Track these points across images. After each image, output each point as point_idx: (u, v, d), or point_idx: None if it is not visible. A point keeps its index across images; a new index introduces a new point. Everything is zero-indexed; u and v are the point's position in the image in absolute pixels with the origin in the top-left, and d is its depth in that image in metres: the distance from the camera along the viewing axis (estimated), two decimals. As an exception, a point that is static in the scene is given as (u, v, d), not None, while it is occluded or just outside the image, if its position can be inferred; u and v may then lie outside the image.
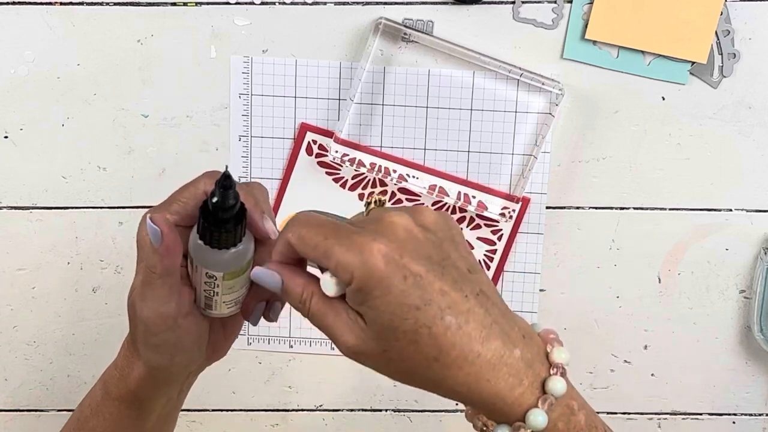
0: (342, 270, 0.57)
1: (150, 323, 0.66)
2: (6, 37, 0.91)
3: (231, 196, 0.61)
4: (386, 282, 0.57)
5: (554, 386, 0.60)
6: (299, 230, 0.60)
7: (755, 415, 1.02)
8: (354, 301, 0.58)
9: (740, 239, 0.96)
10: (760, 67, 0.91)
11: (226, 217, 0.61)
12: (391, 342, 0.58)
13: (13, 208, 0.96)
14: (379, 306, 0.57)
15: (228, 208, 0.61)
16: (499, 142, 0.93)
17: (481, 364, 0.58)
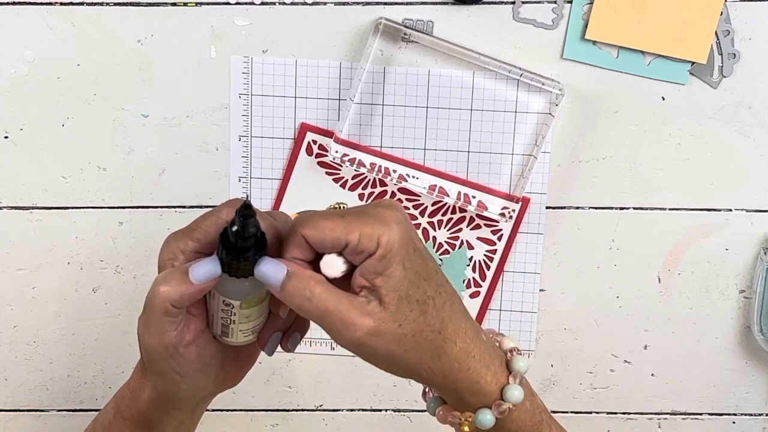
0: (367, 239, 0.61)
1: (151, 350, 0.66)
2: (6, 37, 0.91)
3: (251, 225, 0.61)
4: (406, 249, 0.61)
5: (518, 365, 0.68)
6: (312, 221, 0.62)
7: (755, 415, 1.02)
8: (375, 270, 0.61)
9: (740, 239, 0.96)
10: (760, 67, 0.91)
11: (246, 245, 0.61)
12: (405, 313, 0.62)
13: (13, 208, 0.96)
14: (399, 274, 0.61)
15: (247, 237, 0.61)
16: (499, 142, 0.93)
17: (467, 339, 0.65)
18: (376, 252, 0.61)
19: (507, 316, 0.98)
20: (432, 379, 0.65)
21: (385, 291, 0.61)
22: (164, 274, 0.63)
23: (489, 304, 0.98)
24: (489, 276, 0.97)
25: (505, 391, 0.66)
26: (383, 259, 0.61)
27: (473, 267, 0.97)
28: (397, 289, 0.62)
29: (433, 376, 0.64)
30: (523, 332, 0.99)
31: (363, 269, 0.61)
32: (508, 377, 0.67)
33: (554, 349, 1.00)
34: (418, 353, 0.63)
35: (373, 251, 0.61)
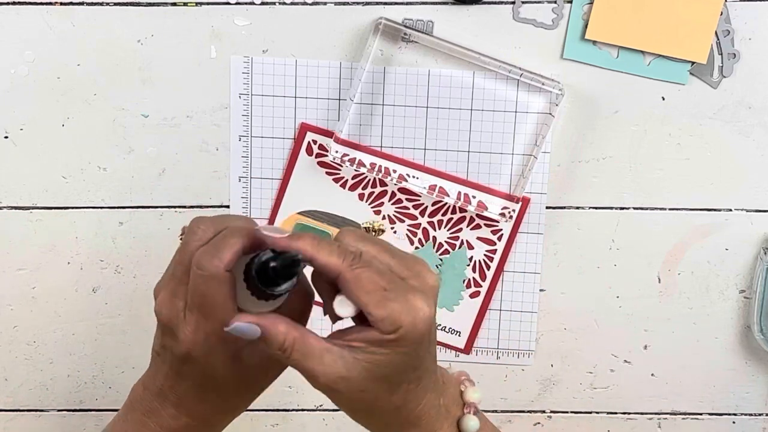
0: (390, 323, 0.61)
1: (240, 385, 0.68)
2: (6, 37, 0.91)
3: (292, 273, 0.62)
4: (417, 344, 0.62)
5: (467, 425, 0.68)
6: (359, 272, 0.62)
7: (755, 415, 1.02)
8: (377, 343, 0.62)
9: (740, 239, 0.96)
10: (760, 67, 0.91)
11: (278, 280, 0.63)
12: (375, 384, 0.63)
13: (13, 208, 0.96)
14: (395, 360, 0.62)
15: (285, 275, 0.62)
16: (499, 142, 0.93)
17: (420, 412, 0.66)
18: (390, 335, 0.61)
19: (507, 316, 0.98)
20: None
21: (372, 364, 0.62)
22: None
23: (489, 304, 0.98)
24: (489, 276, 0.97)
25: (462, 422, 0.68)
26: (391, 343, 0.62)
27: (473, 267, 0.97)
28: (384, 367, 0.63)
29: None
30: (523, 332, 0.99)
31: (368, 337, 0.62)
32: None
33: (554, 349, 1.00)
34: (367, 415, 0.65)
35: (389, 332, 0.61)
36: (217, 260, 0.62)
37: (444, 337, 0.99)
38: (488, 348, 0.99)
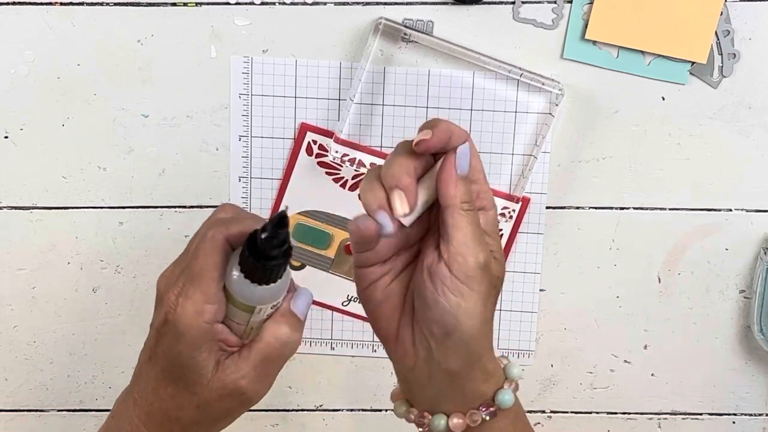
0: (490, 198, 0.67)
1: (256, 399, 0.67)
2: (6, 37, 0.91)
3: (283, 234, 0.61)
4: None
5: (503, 398, 0.67)
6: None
7: (755, 415, 1.02)
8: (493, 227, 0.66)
9: (740, 239, 0.96)
10: (760, 67, 0.91)
11: (275, 254, 0.61)
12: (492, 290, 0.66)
13: (13, 208, 0.96)
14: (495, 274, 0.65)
15: (279, 245, 0.61)
16: (499, 142, 0.93)
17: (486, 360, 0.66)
18: (490, 211, 0.66)
19: (507, 316, 0.98)
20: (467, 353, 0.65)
21: (495, 248, 0.65)
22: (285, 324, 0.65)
23: (489, 304, 0.98)
24: (489, 276, 0.97)
25: (498, 394, 0.67)
26: (494, 222, 0.65)
27: (473, 267, 0.97)
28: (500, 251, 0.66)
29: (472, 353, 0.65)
30: (523, 332, 0.99)
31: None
32: (504, 381, 0.68)
33: (554, 349, 1.00)
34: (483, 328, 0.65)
35: (487, 208, 0.65)
36: (224, 228, 0.63)
37: (444, 337, 0.99)
38: (488, 348, 0.99)
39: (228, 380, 0.64)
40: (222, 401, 0.65)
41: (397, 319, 0.66)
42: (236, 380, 0.64)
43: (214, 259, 0.63)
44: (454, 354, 0.64)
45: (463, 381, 0.65)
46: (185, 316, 0.63)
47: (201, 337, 0.63)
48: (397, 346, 0.66)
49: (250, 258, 0.62)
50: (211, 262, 0.63)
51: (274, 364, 0.66)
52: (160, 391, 0.66)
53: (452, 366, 0.64)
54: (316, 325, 0.99)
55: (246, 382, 0.65)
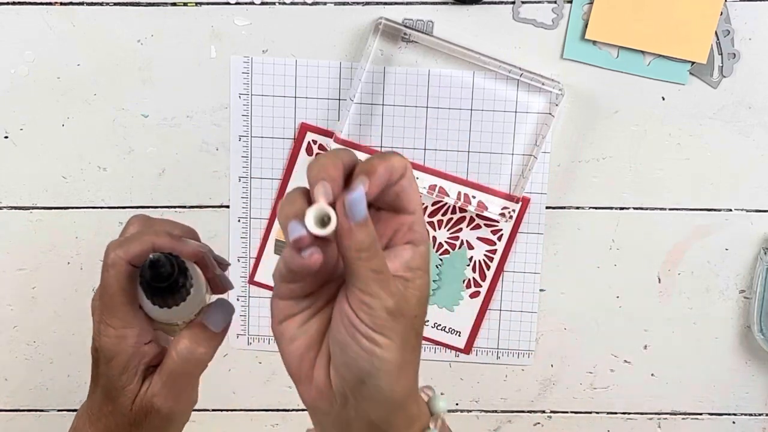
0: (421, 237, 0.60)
1: (177, 416, 0.67)
2: (6, 37, 0.91)
3: (164, 273, 0.62)
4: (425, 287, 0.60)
5: (438, 405, 0.62)
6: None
7: (755, 415, 1.02)
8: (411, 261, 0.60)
9: (740, 239, 0.96)
10: (760, 67, 0.91)
11: (168, 284, 0.62)
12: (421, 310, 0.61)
13: (13, 208, 0.96)
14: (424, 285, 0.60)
15: (166, 278, 0.62)
16: (499, 142, 0.93)
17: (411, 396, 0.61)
18: (420, 246, 0.59)
19: (507, 316, 0.98)
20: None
21: (417, 285, 0.59)
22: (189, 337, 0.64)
23: (489, 304, 0.98)
24: (489, 276, 0.97)
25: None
26: (422, 258, 0.59)
27: (473, 267, 0.97)
28: (425, 288, 0.59)
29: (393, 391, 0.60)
30: (523, 332, 0.99)
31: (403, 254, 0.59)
32: (429, 419, 0.62)
33: (554, 349, 1.00)
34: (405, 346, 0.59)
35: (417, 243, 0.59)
36: (122, 251, 0.63)
37: (444, 337, 0.99)
38: (488, 348, 0.99)
39: (145, 400, 0.65)
40: (147, 420, 0.66)
41: (313, 359, 0.61)
42: (150, 399, 0.65)
43: (121, 285, 0.64)
44: (371, 402, 0.59)
45: (384, 429, 0.60)
46: (109, 342, 0.65)
47: (127, 361, 0.65)
48: (310, 388, 0.61)
49: (146, 292, 0.63)
50: (118, 290, 0.64)
51: (182, 379, 0.65)
52: (102, 408, 0.67)
53: (371, 415, 0.59)
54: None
55: (159, 400, 0.65)
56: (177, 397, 0.65)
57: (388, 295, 0.57)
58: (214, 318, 0.65)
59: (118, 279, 0.63)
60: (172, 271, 0.62)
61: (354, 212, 0.55)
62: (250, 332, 0.99)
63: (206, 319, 0.65)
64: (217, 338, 0.65)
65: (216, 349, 0.65)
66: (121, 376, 0.65)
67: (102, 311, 0.64)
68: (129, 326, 0.64)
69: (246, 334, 0.99)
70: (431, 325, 0.99)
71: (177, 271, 0.62)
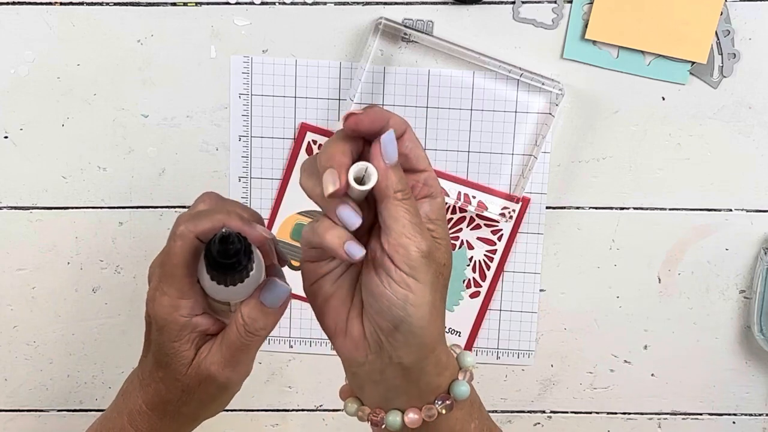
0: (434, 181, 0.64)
1: (233, 385, 0.69)
2: (6, 37, 0.91)
3: (232, 250, 0.62)
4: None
5: (459, 389, 0.65)
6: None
7: (755, 415, 1.02)
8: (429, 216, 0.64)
9: (740, 239, 0.96)
10: (760, 67, 0.91)
11: (232, 262, 0.62)
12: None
13: (13, 208, 0.96)
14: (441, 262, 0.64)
15: (232, 255, 0.62)
16: (499, 142, 0.93)
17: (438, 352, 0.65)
18: (437, 198, 0.63)
19: (507, 316, 0.98)
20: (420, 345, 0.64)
21: (440, 235, 0.63)
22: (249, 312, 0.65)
23: (489, 304, 0.98)
24: (489, 276, 0.97)
25: (453, 386, 0.65)
26: (440, 209, 0.63)
27: (473, 267, 0.97)
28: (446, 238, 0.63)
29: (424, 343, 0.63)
30: (523, 332, 0.99)
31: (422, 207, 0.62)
32: (458, 372, 0.66)
33: (554, 349, 1.00)
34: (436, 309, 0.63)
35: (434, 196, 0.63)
36: (192, 225, 0.64)
37: (444, 337, 0.99)
38: (488, 348, 0.99)
39: (202, 367, 0.66)
40: (201, 387, 0.67)
41: (346, 312, 0.65)
42: (208, 367, 0.66)
43: (185, 258, 0.65)
44: (405, 347, 0.62)
45: (416, 375, 0.64)
46: (162, 311, 0.66)
47: (179, 330, 0.66)
48: (345, 341, 0.65)
49: (209, 266, 0.63)
50: (182, 261, 0.65)
51: (241, 351, 0.67)
52: (154, 374, 0.68)
53: (404, 360, 0.63)
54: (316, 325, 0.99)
55: (216, 368, 0.66)
56: (234, 367, 0.67)
57: (423, 238, 0.61)
58: (269, 298, 0.66)
59: (183, 251, 0.64)
60: (240, 249, 0.62)
61: (388, 153, 0.60)
62: (250, 332, 0.99)
63: (263, 298, 0.66)
64: (276, 315, 0.66)
65: (274, 325, 0.66)
66: (173, 344, 0.66)
67: (161, 279, 0.65)
68: (184, 297, 0.65)
69: (246, 334, 0.99)
70: (431, 325, 0.99)
71: (243, 251, 0.62)
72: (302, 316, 0.99)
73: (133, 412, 0.70)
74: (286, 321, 0.99)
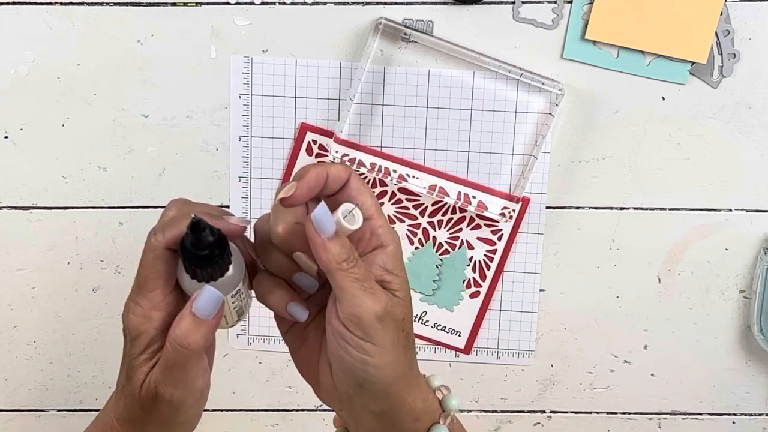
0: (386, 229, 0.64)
1: (181, 405, 0.65)
2: (6, 37, 0.91)
3: (205, 237, 0.61)
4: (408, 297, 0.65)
5: (451, 403, 0.66)
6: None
7: (755, 415, 1.02)
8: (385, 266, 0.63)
9: (740, 239, 0.96)
10: (760, 67, 0.91)
11: (209, 253, 0.62)
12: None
13: (13, 208, 0.96)
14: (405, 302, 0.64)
15: (207, 246, 0.61)
16: (499, 142, 0.93)
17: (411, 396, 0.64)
18: (388, 247, 0.62)
19: (507, 316, 0.98)
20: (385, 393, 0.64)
21: (397, 286, 0.62)
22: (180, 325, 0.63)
23: (489, 304, 0.98)
24: (489, 276, 0.97)
25: (432, 430, 0.65)
26: (394, 258, 0.62)
27: (473, 267, 0.97)
28: (405, 287, 0.63)
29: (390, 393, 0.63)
30: (523, 332, 0.99)
31: (375, 259, 0.62)
32: (440, 416, 0.66)
33: (554, 349, 1.00)
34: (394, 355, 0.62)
35: (385, 245, 0.62)
36: (160, 235, 0.63)
37: (444, 337, 0.99)
38: (488, 348, 0.99)
39: (150, 384, 0.64)
40: (153, 406, 0.65)
41: (317, 364, 0.65)
42: (153, 384, 0.64)
43: (157, 269, 0.64)
44: (373, 400, 0.62)
45: (390, 422, 0.64)
46: (135, 322, 0.64)
47: (149, 342, 0.64)
48: (320, 391, 0.65)
49: (186, 262, 0.63)
50: (154, 272, 0.64)
51: (176, 367, 0.64)
52: (124, 388, 0.67)
53: (375, 409, 0.63)
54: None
55: (161, 387, 0.64)
56: (175, 384, 0.64)
57: (374, 301, 0.60)
58: (200, 305, 0.63)
59: (155, 262, 0.64)
60: (214, 241, 0.61)
61: (323, 228, 0.60)
62: (250, 332, 0.99)
63: (194, 307, 0.64)
64: (209, 327, 0.63)
65: (208, 339, 0.64)
66: (139, 356, 0.65)
67: (135, 290, 0.65)
68: (157, 309, 0.64)
69: (246, 334, 0.99)
70: (431, 325, 0.99)
71: (217, 241, 0.62)
72: (302, 316, 0.98)
73: (106, 426, 0.68)
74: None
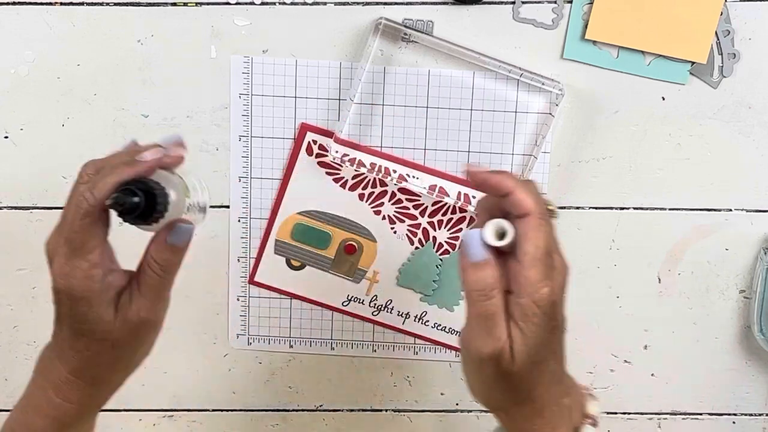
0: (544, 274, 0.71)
1: (159, 323, 0.72)
2: (6, 37, 0.91)
3: (136, 204, 0.65)
4: (552, 311, 0.75)
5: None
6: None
7: (755, 415, 1.02)
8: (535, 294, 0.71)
9: (740, 239, 0.96)
10: (760, 67, 0.91)
11: (139, 214, 0.66)
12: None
13: (13, 208, 0.96)
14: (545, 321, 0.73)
15: (134, 209, 0.66)
16: (499, 142, 0.93)
17: (545, 401, 0.70)
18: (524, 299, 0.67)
19: (507, 316, 0.98)
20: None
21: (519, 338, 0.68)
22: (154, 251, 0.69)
23: (489, 304, 0.98)
24: (489, 276, 0.97)
25: None
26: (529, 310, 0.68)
27: (473, 267, 0.97)
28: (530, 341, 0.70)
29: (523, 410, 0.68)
30: (523, 332, 0.99)
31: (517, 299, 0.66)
32: None
33: (554, 349, 1.00)
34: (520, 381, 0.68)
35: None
36: (91, 198, 0.66)
37: (444, 337, 0.99)
38: (488, 348, 0.99)
39: (130, 316, 0.69)
40: (133, 334, 0.70)
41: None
42: (137, 314, 0.69)
43: (94, 232, 0.67)
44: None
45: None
46: (78, 284, 0.67)
47: (97, 297, 0.68)
48: None
49: (130, 222, 0.67)
50: (92, 235, 0.67)
51: (162, 288, 0.70)
52: (75, 346, 0.70)
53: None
54: (316, 325, 0.99)
55: (146, 313, 0.69)
56: (160, 304, 0.71)
57: (483, 344, 0.67)
58: (176, 238, 0.69)
59: (91, 227, 0.67)
60: (139, 203, 0.65)
61: (467, 250, 0.67)
62: (250, 332, 0.99)
63: (169, 240, 0.69)
64: (184, 250, 0.70)
65: (184, 253, 0.70)
66: (93, 310, 0.68)
67: (71, 255, 0.67)
68: (96, 267, 0.68)
69: (246, 334, 0.99)
70: (431, 325, 0.99)
71: (144, 198, 0.65)
72: (302, 316, 0.99)
73: (58, 383, 0.71)
74: (286, 321, 0.99)
